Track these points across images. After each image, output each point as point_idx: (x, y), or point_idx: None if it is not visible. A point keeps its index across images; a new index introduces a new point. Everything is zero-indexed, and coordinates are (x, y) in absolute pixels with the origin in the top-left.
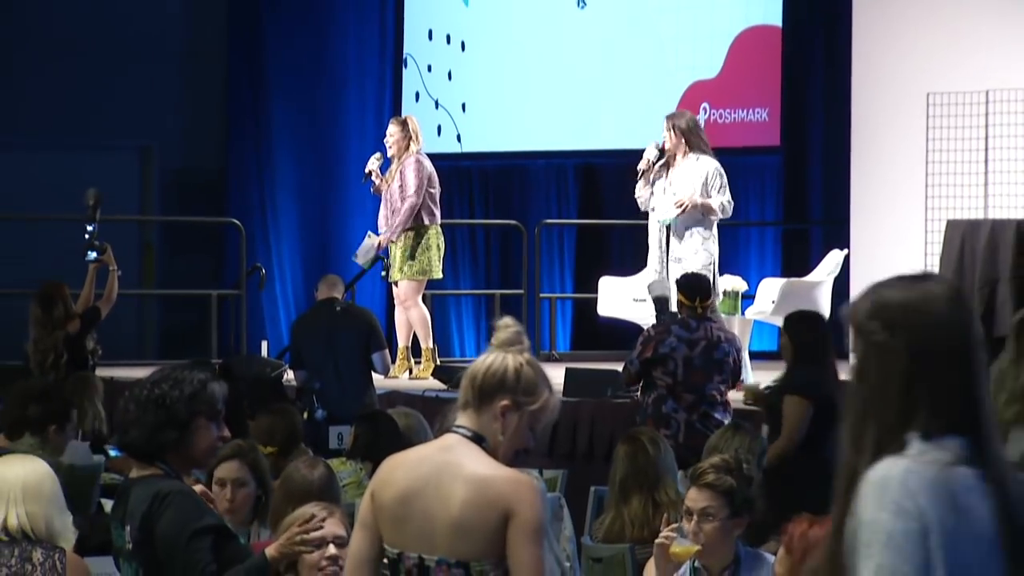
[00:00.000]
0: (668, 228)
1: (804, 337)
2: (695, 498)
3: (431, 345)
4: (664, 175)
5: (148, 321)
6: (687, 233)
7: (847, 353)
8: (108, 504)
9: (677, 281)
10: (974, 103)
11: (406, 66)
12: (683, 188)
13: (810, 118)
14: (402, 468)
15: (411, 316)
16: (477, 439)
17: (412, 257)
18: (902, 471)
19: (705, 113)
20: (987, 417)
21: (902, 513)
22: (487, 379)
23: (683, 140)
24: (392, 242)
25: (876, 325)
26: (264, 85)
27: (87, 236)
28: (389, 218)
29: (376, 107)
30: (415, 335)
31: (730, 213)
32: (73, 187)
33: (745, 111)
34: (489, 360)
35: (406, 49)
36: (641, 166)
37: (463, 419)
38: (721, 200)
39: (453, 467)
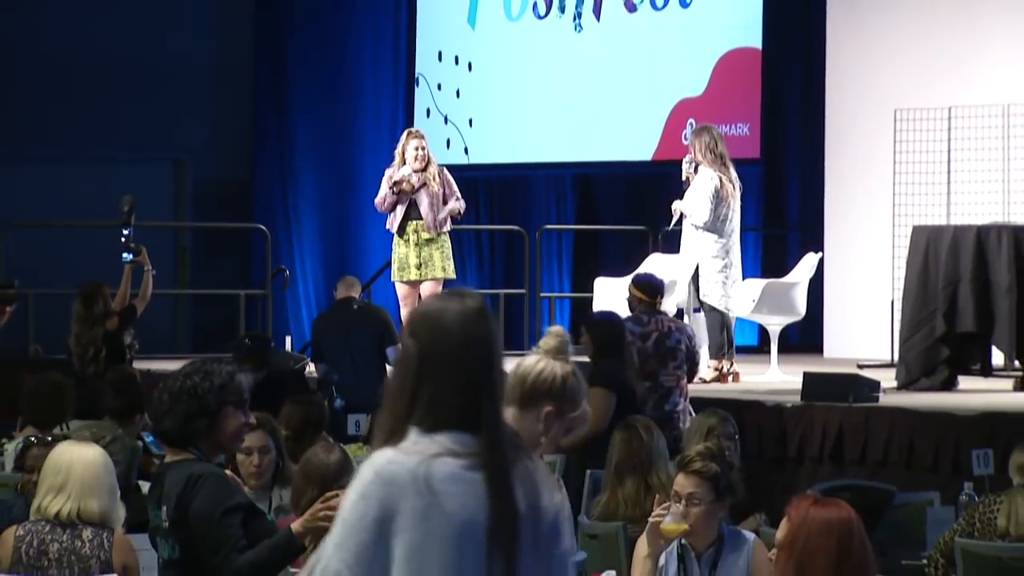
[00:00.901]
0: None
1: (602, 335)
2: (683, 484)
3: None
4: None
5: (181, 318)
6: (698, 239)
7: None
8: (144, 486)
9: (633, 280)
10: (938, 119)
11: (418, 85)
12: (687, 198)
13: (787, 132)
14: None
15: None
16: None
17: (449, 259)
18: (384, 460)
19: (691, 128)
20: (490, 416)
21: (365, 497)
22: (537, 384)
23: (698, 154)
24: (431, 241)
25: (407, 332)
26: (287, 102)
27: (123, 239)
28: (434, 213)
29: (390, 122)
30: None
31: (699, 224)
32: (114, 196)
33: (728, 126)
34: (540, 366)
35: (418, 69)
36: (685, 178)
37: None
38: (696, 210)
39: None
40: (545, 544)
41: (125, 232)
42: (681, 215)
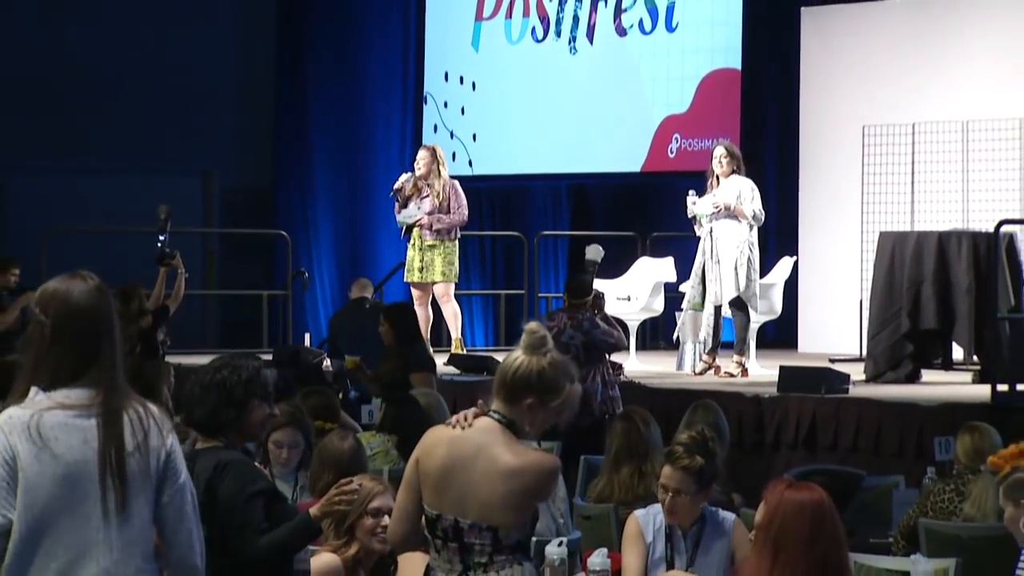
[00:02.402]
0: (712, 235)
1: (402, 322)
2: (670, 476)
3: (459, 335)
4: (712, 190)
5: (210, 316)
6: (726, 241)
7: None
8: None
9: (564, 284)
10: (902, 134)
11: (426, 103)
12: (723, 196)
13: (765, 146)
14: (445, 445)
15: (447, 311)
16: (510, 424)
17: (452, 264)
18: (6, 416)
19: (676, 142)
20: (102, 373)
21: None
22: (515, 381)
23: (731, 163)
24: (432, 248)
25: (37, 308)
26: (306, 120)
27: (159, 244)
28: (434, 220)
29: (400, 138)
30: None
31: (762, 221)
32: (149, 205)
33: (710, 140)
34: (517, 363)
35: (426, 88)
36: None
37: (497, 405)
38: (753, 208)
39: (489, 453)
40: (158, 479)
41: (161, 238)
42: (724, 208)
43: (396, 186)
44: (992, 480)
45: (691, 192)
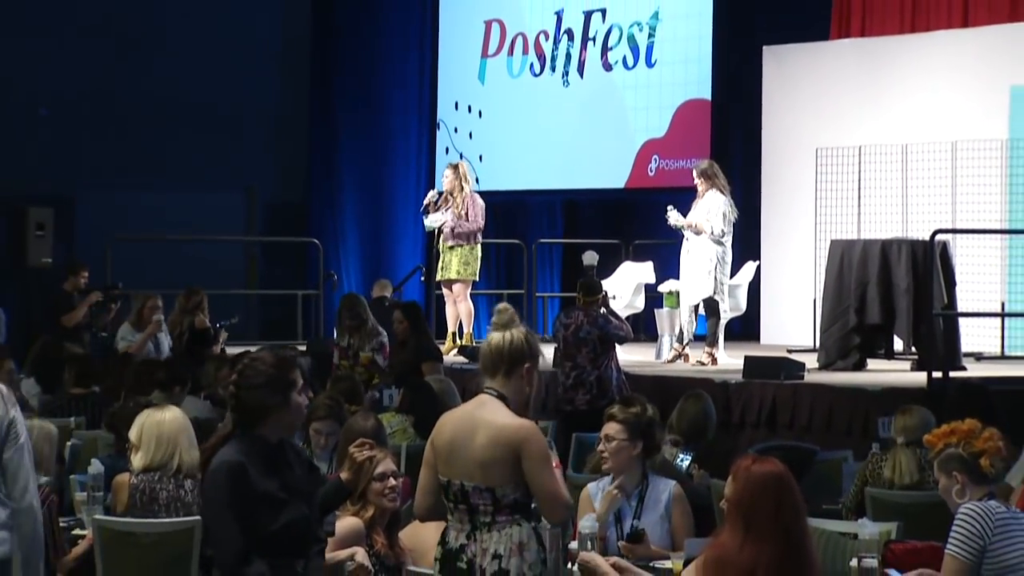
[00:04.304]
0: (687, 246)
1: (414, 318)
2: (607, 427)
3: (469, 330)
4: (696, 202)
5: (252, 312)
6: (698, 253)
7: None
8: None
9: (578, 285)
10: (850, 155)
11: (439, 128)
12: (693, 215)
13: (732, 165)
14: (450, 422)
15: (461, 309)
16: (502, 397)
17: (467, 264)
18: None
19: (655, 163)
20: None
21: None
22: (514, 352)
23: (705, 180)
24: (451, 250)
25: None
26: (335, 142)
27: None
28: (454, 227)
29: (416, 158)
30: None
31: (720, 235)
32: (199, 217)
33: (685, 160)
34: (508, 337)
35: (439, 115)
36: (673, 223)
37: (491, 383)
38: (711, 225)
39: (482, 420)
40: (2, 441)
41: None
42: (686, 227)
43: (425, 201)
44: (906, 450)
45: (670, 207)
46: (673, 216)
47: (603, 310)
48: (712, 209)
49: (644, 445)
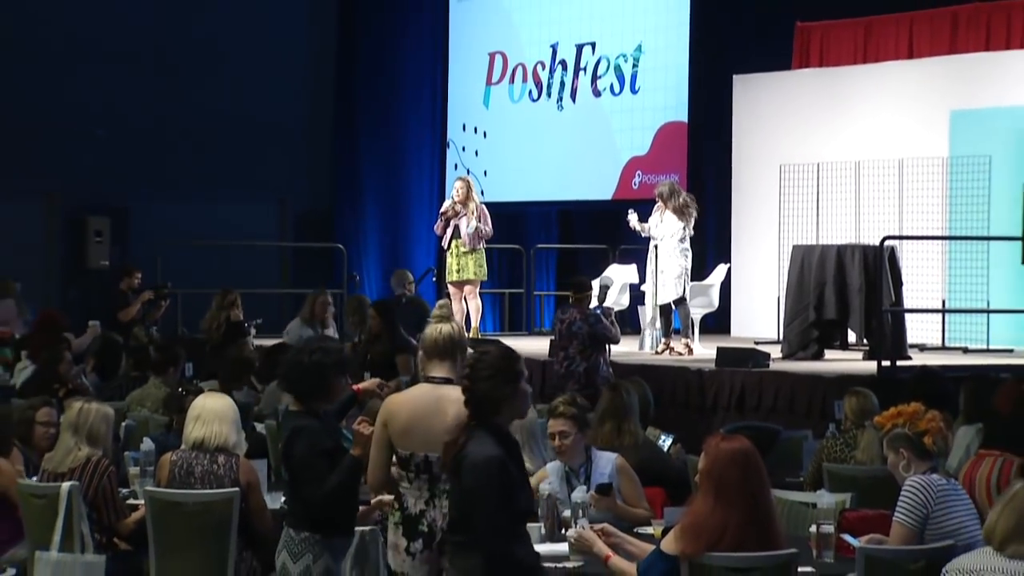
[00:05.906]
0: (657, 248)
1: (386, 315)
2: (554, 424)
3: (476, 325)
4: (660, 217)
5: (285, 309)
6: (666, 259)
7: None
8: (258, 427)
9: (568, 282)
10: (810, 171)
11: (449, 146)
12: (654, 224)
13: (706, 179)
14: (407, 403)
15: (472, 305)
16: (448, 381)
17: (482, 266)
18: None
19: (639, 177)
20: None
21: None
22: (459, 340)
23: (662, 201)
24: (467, 254)
25: None
26: (357, 158)
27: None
28: (469, 234)
29: (430, 173)
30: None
31: (685, 247)
32: (239, 225)
33: (665, 175)
34: (449, 328)
35: (449, 135)
36: (632, 225)
37: (438, 371)
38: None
39: (445, 398)
40: None
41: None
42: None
43: (445, 210)
44: (876, 433)
45: (631, 210)
46: (633, 219)
47: (599, 311)
48: (675, 232)
49: (582, 428)
